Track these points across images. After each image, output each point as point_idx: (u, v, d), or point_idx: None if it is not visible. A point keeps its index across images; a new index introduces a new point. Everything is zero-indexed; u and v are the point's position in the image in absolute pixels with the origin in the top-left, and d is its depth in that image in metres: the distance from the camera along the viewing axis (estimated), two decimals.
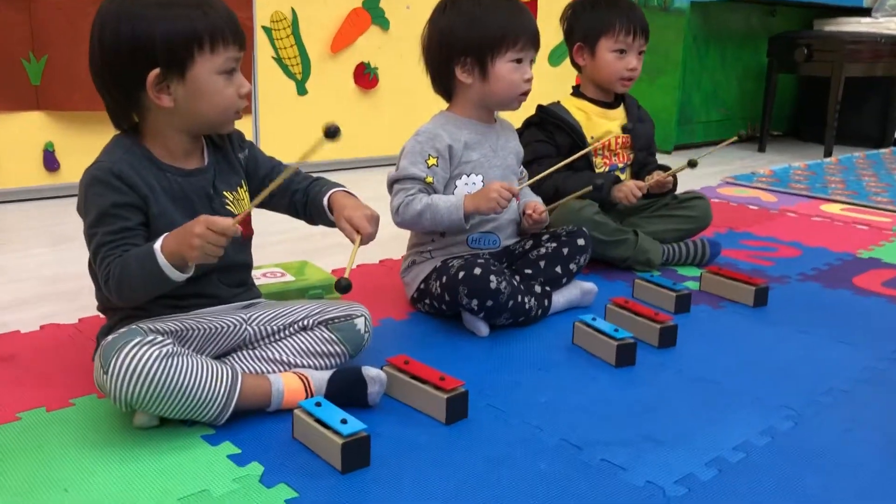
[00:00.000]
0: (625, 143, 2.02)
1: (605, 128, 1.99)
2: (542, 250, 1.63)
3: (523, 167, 1.76)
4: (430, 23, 1.60)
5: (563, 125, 1.93)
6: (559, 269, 1.62)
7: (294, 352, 1.24)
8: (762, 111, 4.17)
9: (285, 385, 1.16)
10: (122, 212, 1.11)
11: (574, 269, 1.64)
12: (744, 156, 3.98)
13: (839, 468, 1.09)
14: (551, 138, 1.93)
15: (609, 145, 1.99)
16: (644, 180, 1.94)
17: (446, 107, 1.65)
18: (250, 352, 1.23)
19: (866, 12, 4.31)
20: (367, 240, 1.22)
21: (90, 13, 1.13)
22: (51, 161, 2.45)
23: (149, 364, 1.03)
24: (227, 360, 1.20)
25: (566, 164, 1.65)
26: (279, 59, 2.92)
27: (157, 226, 1.13)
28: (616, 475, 1.05)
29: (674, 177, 1.96)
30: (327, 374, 1.20)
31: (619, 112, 2.04)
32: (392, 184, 1.56)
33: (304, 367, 1.23)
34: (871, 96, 4.39)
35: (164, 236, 1.07)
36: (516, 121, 1.82)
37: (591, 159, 1.95)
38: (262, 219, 1.36)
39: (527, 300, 1.52)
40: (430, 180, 1.53)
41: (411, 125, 1.63)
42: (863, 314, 1.70)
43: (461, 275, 1.44)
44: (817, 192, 3.01)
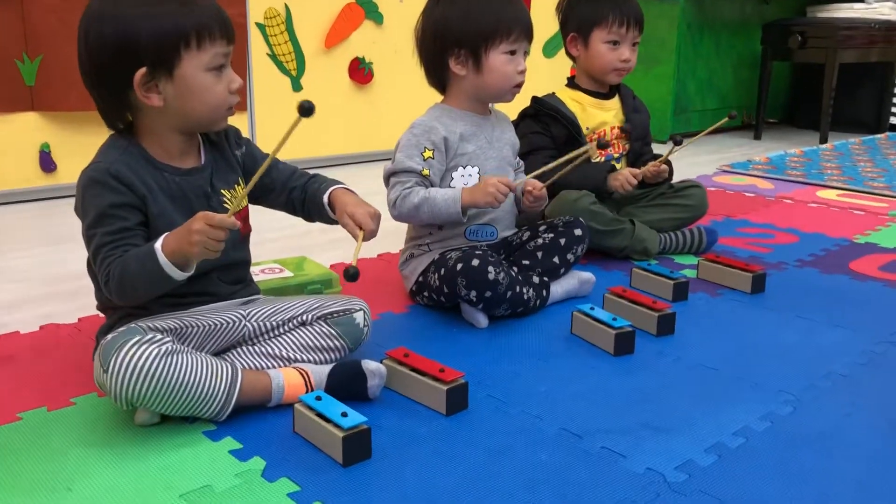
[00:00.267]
0: (620, 133, 2.02)
1: (600, 118, 1.99)
2: (540, 241, 1.64)
3: (520, 158, 1.77)
4: (424, 15, 1.60)
5: (558, 116, 1.93)
6: (557, 260, 1.62)
7: (294, 347, 1.24)
8: (757, 99, 4.17)
9: (285, 380, 1.16)
10: (121, 212, 1.10)
11: (571, 259, 1.65)
12: (740, 143, 3.98)
13: (839, 451, 1.10)
14: (547, 130, 1.93)
15: (604, 136, 1.99)
16: (639, 168, 1.95)
17: (441, 99, 1.65)
18: (250, 348, 1.23)
19: None
20: (369, 236, 1.23)
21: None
22: (47, 162, 2.45)
23: (149, 362, 1.03)
24: (226, 357, 1.20)
25: (565, 161, 1.63)
26: (273, 56, 2.92)
27: (157, 226, 1.13)
28: (616, 463, 1.05)
29: (669, 165, 1.97)
30: (327, 369, 1.20)
31: (615, 103, 2.04)
32: (388, 177, 1.57)
33: (303, 361, 1.24)
34: (866, 82, 4.39)
35: (165, 236, 1.07)
36: (511, 113, 1.82)
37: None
38: (259, 216, 1.36)
39: (525, 291, 1.52)
40: (426, 173, 1.54)
41: (407, 119, 1.63)
42: (860, 299, 1.70)
43: (459, 266, 1.45)
44: (813, 179, 3.02)
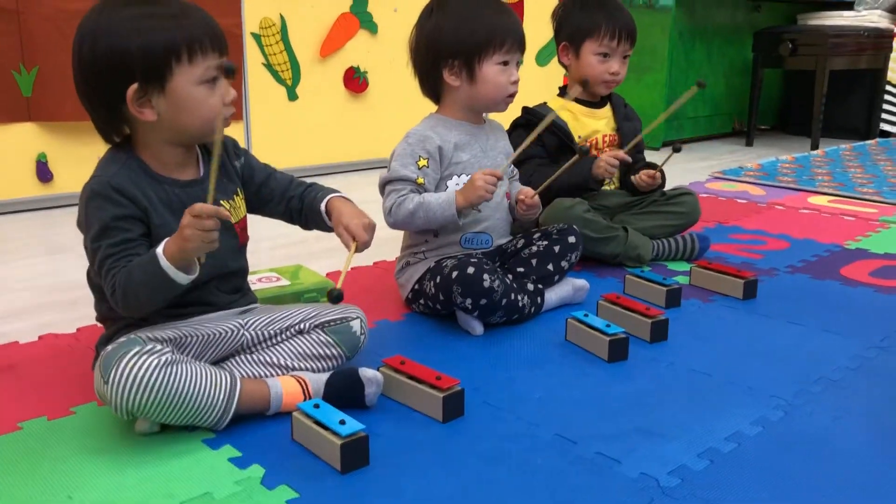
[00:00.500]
0: (612, 141, 2.04)
1: (592, 127, 2.01)
2: (534, 248, 1.65)
3: (514, 167, 1.78)
4: (418, 26, 1.62)
5: (550, 125, 1.94)
6: (551, 267, 1.64)
7: (291, 355, 1.25)
8: (749, 106, 4.20)
9: (283, 388, 1.17)
10: (124, 224, 1.11)
11: (566, 266, 1.66)
12: (732, 150, 4.01)
13: (830, 456, 1.11)
14: (538, 139, 1.94)
15: (596, 144, 2.01)
16: (631, 177, 1.96)
17: (436, 109, 1.67)
18: (248, 356, 1.25)
19: (849, 6, 4.35)
20: (362, 247, 1.24)
21: None
22: (44, 172, 2.45)
23: (149, 373, 1.04)
24: (225, 366, 1.21)
25: (560, 168, 1.65)
26: (269, 66, 2.94)
27: (159, 237, 1.13)
28: (611, 468, 1.06)
29: (662, 173, 1.98)
30: (325, 377, 1.21)
31: (606, 111, 2.06)
32: (384, 185, 1.58)
33: (301, 369, 1.25)
34: (856, 88, 4.43)
35: (165, 241, 1.08)
36: (503, 122, 1.83)
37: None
38: (256, 224, 1.37)
39: (520, 298, 1.54)
40: (421, 181, 1.55)
41: (402, 128, 1.64)
42: (851, 304, 1.72)
43: (455, 274, 1.46)
44: (804, 185, 3.04)
